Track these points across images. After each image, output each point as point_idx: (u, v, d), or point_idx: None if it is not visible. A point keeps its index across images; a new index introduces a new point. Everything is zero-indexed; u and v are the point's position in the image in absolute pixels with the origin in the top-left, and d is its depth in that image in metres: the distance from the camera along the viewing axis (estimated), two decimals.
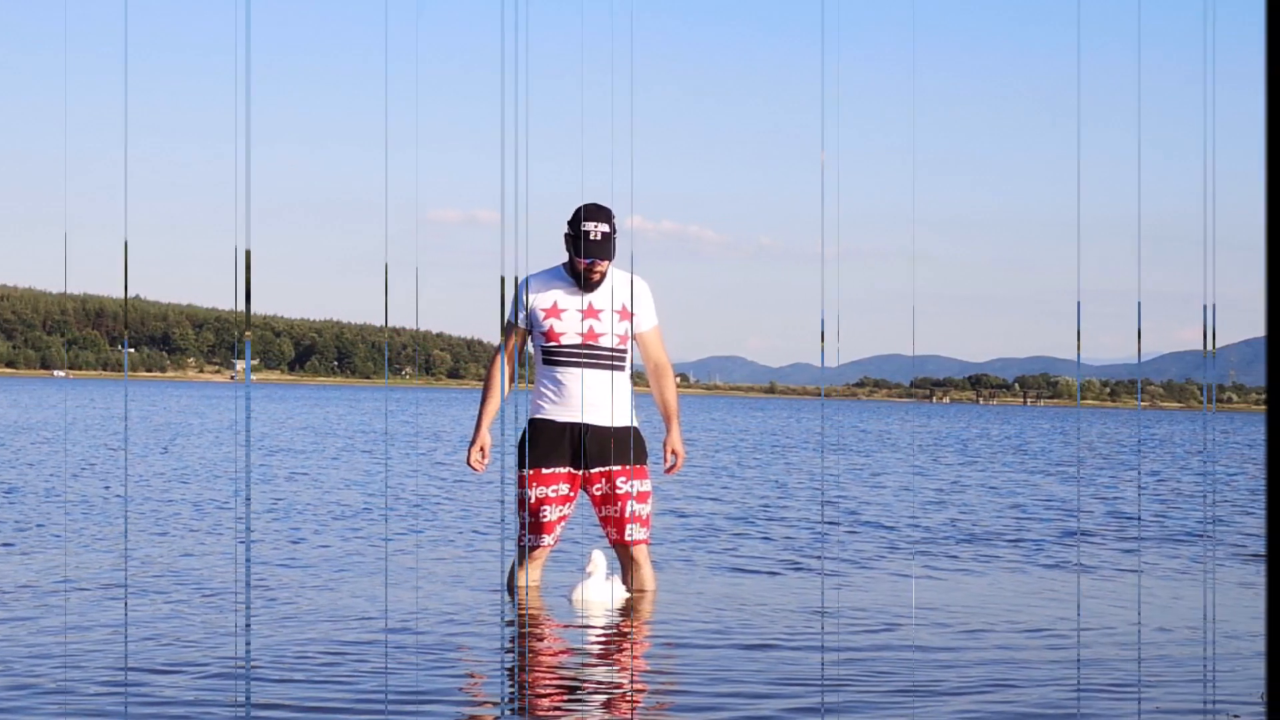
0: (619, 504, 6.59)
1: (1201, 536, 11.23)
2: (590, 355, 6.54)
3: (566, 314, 6.54)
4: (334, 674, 4.98)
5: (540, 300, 6.57)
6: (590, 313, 6.54)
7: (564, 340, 6.53)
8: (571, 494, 6.61)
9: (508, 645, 5.73)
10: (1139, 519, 12.86)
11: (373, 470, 17.32)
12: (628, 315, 6.58)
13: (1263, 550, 8.73)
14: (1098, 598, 7.56)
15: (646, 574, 6.77)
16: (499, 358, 6.62)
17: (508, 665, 5.39)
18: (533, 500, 6.54)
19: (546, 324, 6.55)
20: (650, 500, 6.68)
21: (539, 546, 6.60)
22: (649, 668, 5.41)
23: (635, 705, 4.73)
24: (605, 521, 6.67)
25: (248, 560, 8.00)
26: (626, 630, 6.09)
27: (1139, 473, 21.92)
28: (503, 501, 10.41)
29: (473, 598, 6.88)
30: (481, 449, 6.62)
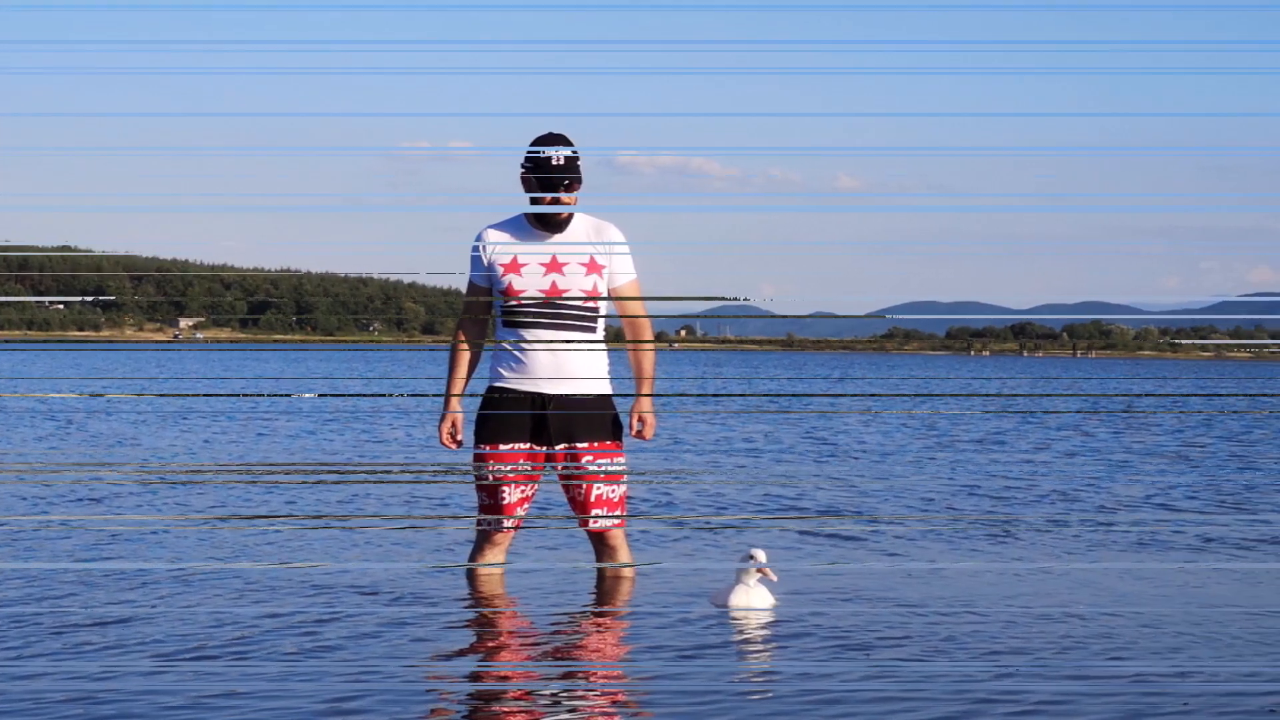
0: (582, 487, 6.59)
1: None
2: (554, 314, 6.52)
3: (527, 268, 6.52)
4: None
5: (498, 254, 6.57)
6: (554, 266, 6.52)
7: (524, 298, 6.51)
8: (534, 472, 6.62)
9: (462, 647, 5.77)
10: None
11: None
12: (597, 268, 6.57)
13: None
14: None
15: (622, 560, 6.78)
16: (463, 322, 6.69)
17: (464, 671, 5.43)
18: (489, 480, 6.57)
19: (505, 280, 6.53)
20: (623, 481, 6.66)
21: (500, 531, 6.63)
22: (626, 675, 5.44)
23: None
24: (571, 505, 6.68)
25: None
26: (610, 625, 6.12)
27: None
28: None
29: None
30: (453, 424, 6.66)
